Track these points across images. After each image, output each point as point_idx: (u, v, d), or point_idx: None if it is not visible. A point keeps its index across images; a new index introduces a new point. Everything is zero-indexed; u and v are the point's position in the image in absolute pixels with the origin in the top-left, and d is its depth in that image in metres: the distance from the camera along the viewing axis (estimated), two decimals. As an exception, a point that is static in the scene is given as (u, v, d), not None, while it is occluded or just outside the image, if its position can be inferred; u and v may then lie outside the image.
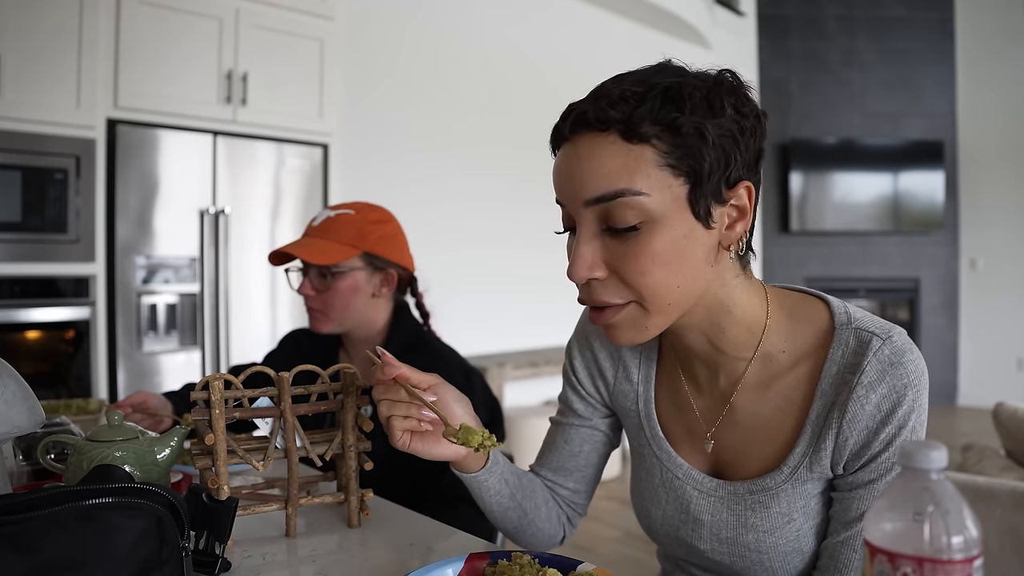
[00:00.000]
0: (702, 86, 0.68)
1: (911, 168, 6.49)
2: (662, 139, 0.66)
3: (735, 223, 0.71)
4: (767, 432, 0.79)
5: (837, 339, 0.75)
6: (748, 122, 0.69)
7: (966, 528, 0.46)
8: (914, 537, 0.46)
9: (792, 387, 0.77)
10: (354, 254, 1.35)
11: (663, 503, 0.86)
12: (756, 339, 0.77)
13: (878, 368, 0.72)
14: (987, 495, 1.79)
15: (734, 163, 0.68)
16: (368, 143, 3.80)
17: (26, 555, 0.57)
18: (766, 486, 0.78)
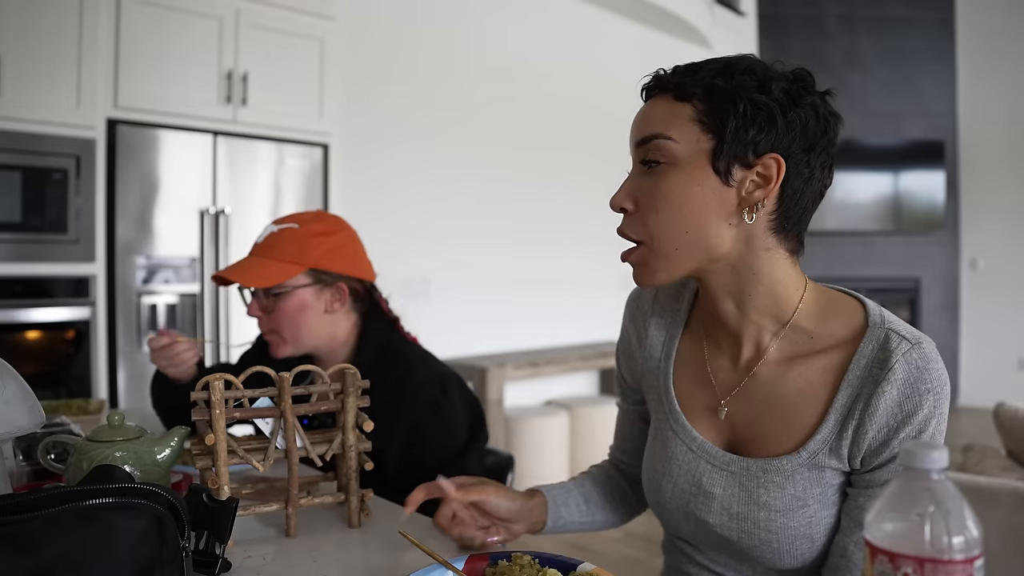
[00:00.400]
0: (761, 70, 0.77)
1: (912, 168, 6.49)
2: (702, 100, 0.75)
3: (756, 189, 0.76)
4: (786, 412, 0.81)
5: (869, 335, 0.78)
6: (801, 111, 0.75)
7: (967, 528, 0.46)
8: (915, 537, 0.46)
9: (818, 372, 0.80)
10: (297, 271, 1.26)
11: (675, 475, 0.88)
12: (785, 314, 0.81)
13: (905, 370, 0.75)
14: (988, 495, 1.79)
15: (766, 134, 0.74)
16: (368, 143, 3.80)
17: (26, 555, 0.57)
18: (782, 467, 0.80)
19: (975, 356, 6.56)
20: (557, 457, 4.04)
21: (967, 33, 6.52)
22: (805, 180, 0.77)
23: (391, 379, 1.25)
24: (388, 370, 1.27)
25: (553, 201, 4.66)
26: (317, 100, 3.29)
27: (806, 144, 0.76)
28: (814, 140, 0.76)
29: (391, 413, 1.22)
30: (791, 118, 0.75)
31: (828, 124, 0.77)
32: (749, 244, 0.78)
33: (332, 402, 0.94)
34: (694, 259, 0.78)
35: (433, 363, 1.33)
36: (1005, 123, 6.34)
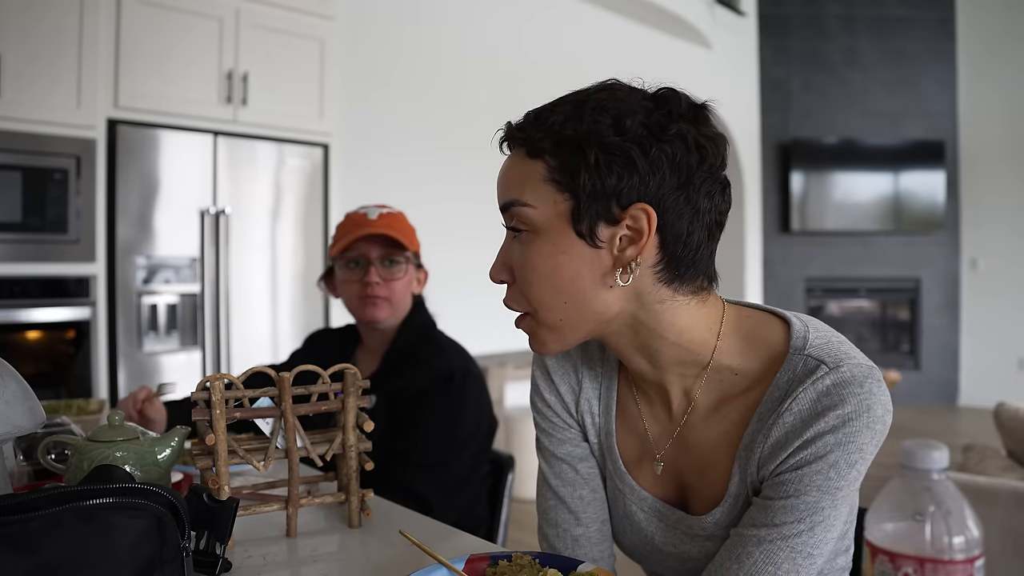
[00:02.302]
0: (615, 105, 0.67)
1: (912, 168, 6.49)
2: (553, 155, 0.68)
3: (629, 245, 0.68)
4: (713, 457, 0.76)
5: (786, 364, 0.71)
6: (667, 145, 0.66)
7: (967, 528, 0.46)
8: (915, 537, 0.46)
9: (739, 411, 0.74)
10: (416, 248, 1.48)
11: (628, 533, 0.85)
12: (703, 359, 0.74)
13: (811, 397, 0.67)
14: (988, 495, 1.79)
15: (627, 182, 0.66)
16: (368, 143, 3.80)
17: (27, 555, 0.57)
18: (719, 522, 0.75)
19: (975, 356, 6.56)
20: (557, 457, 4.03)
21: (967, 33, 6.52)
22: (690, 219, 0.68)
23: (422, 355, 1.39)
24: (422, 347, 1.41)
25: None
26: (317, 100, 3.29)
27: (680, 181, 0.67)
28: (690, 174, 0.67)
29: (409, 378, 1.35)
30: (654, 157, 0.66)
31: (705, 151, 0.68)
32: (640, 301, 0.71)
33: (332, 402, 0.94)
34: (583, 326, 0.72)
35: (465, 356, 1.43)
36: (1005, 123, 6.34)
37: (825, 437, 0.66)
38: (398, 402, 1.34)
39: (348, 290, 1.44)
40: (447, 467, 1.29)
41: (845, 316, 6.78)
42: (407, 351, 1.41)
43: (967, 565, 0.45)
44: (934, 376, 6.60)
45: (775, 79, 6.61)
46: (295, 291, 3.24)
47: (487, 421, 1.38)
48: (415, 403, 1.32)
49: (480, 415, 1.36)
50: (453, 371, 1.34)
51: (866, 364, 0.68)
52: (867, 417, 0.66)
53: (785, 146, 6.57)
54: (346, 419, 0.93)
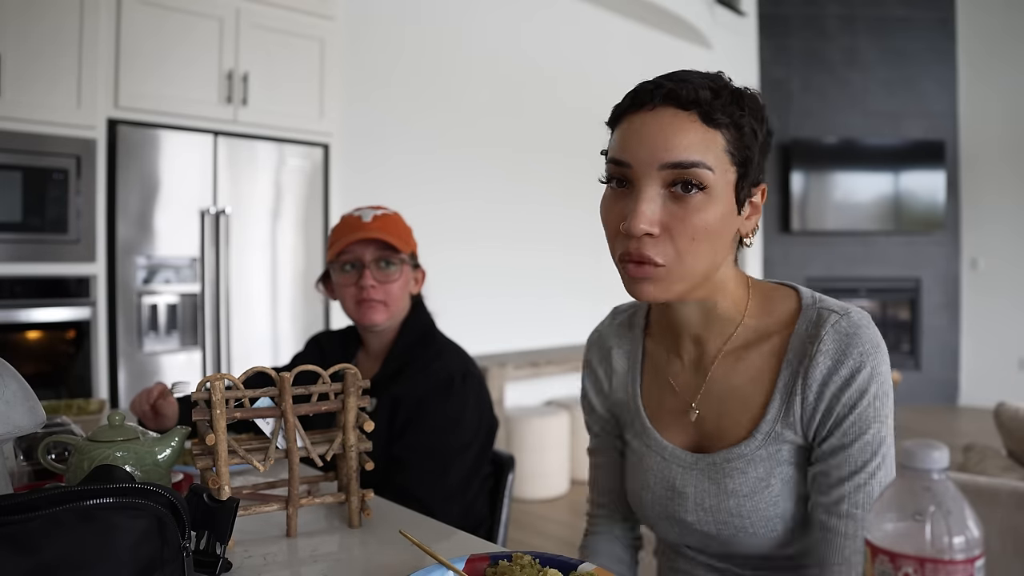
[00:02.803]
0: (756, 100, 0.81)
1: (912, 168, 6.49)
2: (729, 130, 0.76)
3: (751, 216, 0.82)
4: (741, 402, 0.86)
5: (803, 316, 0.84)
6: (768, 136, 0.82)
7: (968, 528, 0.46)
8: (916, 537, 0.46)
9: (763, 359, 0.85)
10: (411, 250, 1.47)
11: (652, 485, 0.92)
12: (740, 315, 0.87)
13: (835, 338, 0.80)
14: (988, 495, 1.79)
15: (759, 165, 0.80)
16: (369, 143, 3.80)
17: (27, 555, 0.57)
18: (742, 453, 0.84)
19: (975, 356, 6.56)
20: (557, 457, 4.04)
21: (967, 33, 6.52)
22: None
23: (422, 358, 1.38)
24: (421, 350, 1.40)
25: (553, 201, 4.66)
26: (317, 100, 3.29)
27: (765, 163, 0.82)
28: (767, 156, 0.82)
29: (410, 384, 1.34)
30: (767, 145, 0.81)
31: (770, 135, 0.83)
32: (728, 260, 0.84)
33: (332, 402, 0.94)
34: (705, 282, 0.81)
35: (464, 358, 1.41)
36: (1005, 123, 6.34)
37: (861, 374, 0.79)
38: (399, 407, 1.34)
39: (344, 293, 1.43)
40: (448, 472, 1.29)
41: (845, 316, 6.77)
42: (407, 354, 1.41)
43: (967, 565, 0.45)
44: (934, 376, 6.60)
45: (775, 79, 6.61)
46: (295, 291, 3.24)
47: (487, 423, 1.38)
48: (416, 408, 1.32)
49: (481, 417, 1.36)
50: (453, 375, 1.34)
51: (859, 310, 0.83)
52: (880, 350, 0.81)
53: (785, 146, 6.57)
54: (346, 419, 0.93)
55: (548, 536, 3.43)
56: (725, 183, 0.77)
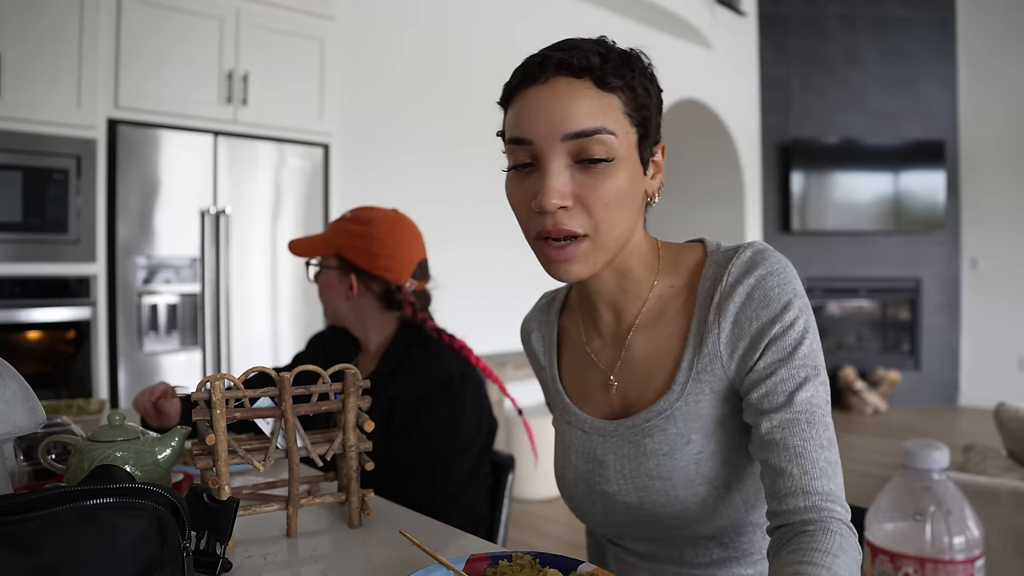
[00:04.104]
0: (642, 60, 0.80)
1: (912, 168, 6.49)
2: (624, 92, 0.76)
3: (655, 176, 0.82)
4: (659, 363, 0.84)
5: (708, 262, 0.84)
6: (660, 93, 0.82)
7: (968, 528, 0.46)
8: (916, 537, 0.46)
9: (677, 314, 0.84)
10: (326, 252, 1.43)
11: (573, 461, 0.91)
12: (653, 278, 0.86)
13: (741, 267, 0.79)
14: (988, 495, 1.79)
15: (657, 124, 0.81)
16: (369, 143, 3.80)
17: (27, 555, 0.57)
18: (661, 409, 0.82)
19: (975, 356, 6.56)
20: (557, 457, 4.04)
21: (967, 33, 6.52)
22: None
23: (419, 358, 1.36)
24: (416, 352, 1.38)
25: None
26: (317, 100, 3.29)
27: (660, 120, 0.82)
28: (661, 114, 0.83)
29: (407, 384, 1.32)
30: (660, 103, 0.81)
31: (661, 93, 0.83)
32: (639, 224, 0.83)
33: (332, 402, 0.94)
34: (621, 247, 0.81)
35: (461, 361, 1.38)
36: (1005, 123, 6.34)
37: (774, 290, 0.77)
38: (396, 407, 1.33)
39: None
40: (448, 473, 1.28)
41: (845, 316, 6.78)
42: (404, 354, 1.39)
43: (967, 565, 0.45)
44: (934, 376, 6.60)
45: (775, 79, 6.61)
46: (295, 291, 3.25)
47: (487, 423, 1.37)
48: (414, 409, 1.31)
49: (480, 418, 1.35)
50: (451, 375, 1.32)
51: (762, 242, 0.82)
52: (789, 267, 0.80)
53: (785, 146, 6.57)
54: (346, 419, 0.93)
55: (548, 536, 3.43)
56: (628, 145, 0.76)
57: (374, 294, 1.41)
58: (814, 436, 0.73)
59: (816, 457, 0.72)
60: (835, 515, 0.71)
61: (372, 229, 1.39)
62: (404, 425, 1.30)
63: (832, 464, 0.73)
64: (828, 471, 0.72)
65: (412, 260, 1.42)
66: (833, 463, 0.73)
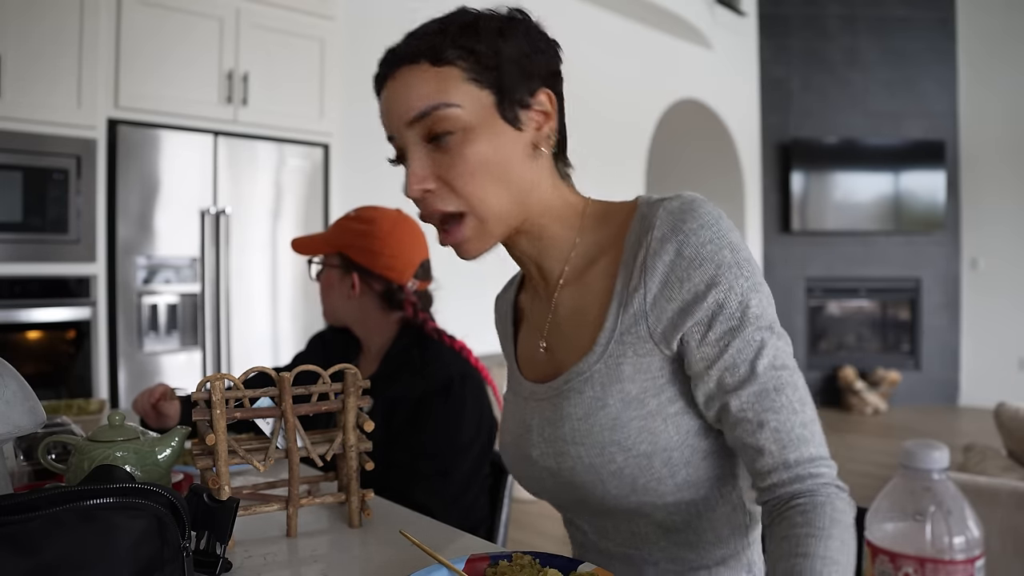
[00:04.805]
0: (494, 20, 0.78)
1: (912, 168, 6.49)
2: (465, 59, 0.75)
3: (542, 126, 0.78)
4: (584, 322, 0.81)
5: (636, 216, 0.78)
6: (540, 44, 0.79)
7: (968, 528, 0.46)
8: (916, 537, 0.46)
9: (602, 273, 0.80)
10: (328, 251, 1.43)
11: (510, 427, 0.89)
12: (573, 236, 0.82)
13: (668, 221, 0.73)
14: (989, 495, 1.79)
15: (530, 76, 0.77)
16: (369, 143, 3.79)
17: (27, 555, 0.57)
18: (580, 371, 0.78)
19: (975, 356, 6.56)
20: (557, 457, 4.03)
21: (967, 33, 6.52)
22: (560, 108, 0.81)
23: (419, 359, 1.36)
24: (417, 353, 1.37)
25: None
26: (317, 100, 3.29)
27: (551, 69, 0.80)
28: (555, 64, 0.80)
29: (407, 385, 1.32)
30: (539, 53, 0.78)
31: (550, 44, 0.81)
32: (541, 182, 0.80)
33: (332, 402, 0.94)
34: (513, 212, 0.78)
35: (462, 362, 1.38)
36: (1005, 123, 6.34)
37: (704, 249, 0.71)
38: (396, 408, 1.33)
39: None
40: (449, 475, 1.28)
41: (845, 316, 6.78)
42: (404, 355, 1.39)
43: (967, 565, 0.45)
44: (934, 376, 6.59)
45: (775, 79, 6.61)
46: (295, 291, 3.25)
47: (487, 424, 1.37)
48: (414, 410, 1.31)
49: (480, 419, 1.35)
50: (452, 377, 1.32)
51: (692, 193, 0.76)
52: (723, 219, 0.73)
53: (785, 146, 6.57)
54: (346, 419, 0.93)
55: (548, 536, 3.42)
56: (481, 110, 0.74)
57: (376, 293, 1.41)
58: (785, 403, 0.70)
59: (791, 426, 0.70)
60: (820, 479, 0.69)
61: (374, 228, 1.40)
62: (404, 426, 1.30)
63: (808, 425, 0.70)
64: (805, 435, 0.70)
65: (414, 260, 1.42)
66: (809, 423, 0.70)
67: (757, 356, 0.71)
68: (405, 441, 1.29)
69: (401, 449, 1.29)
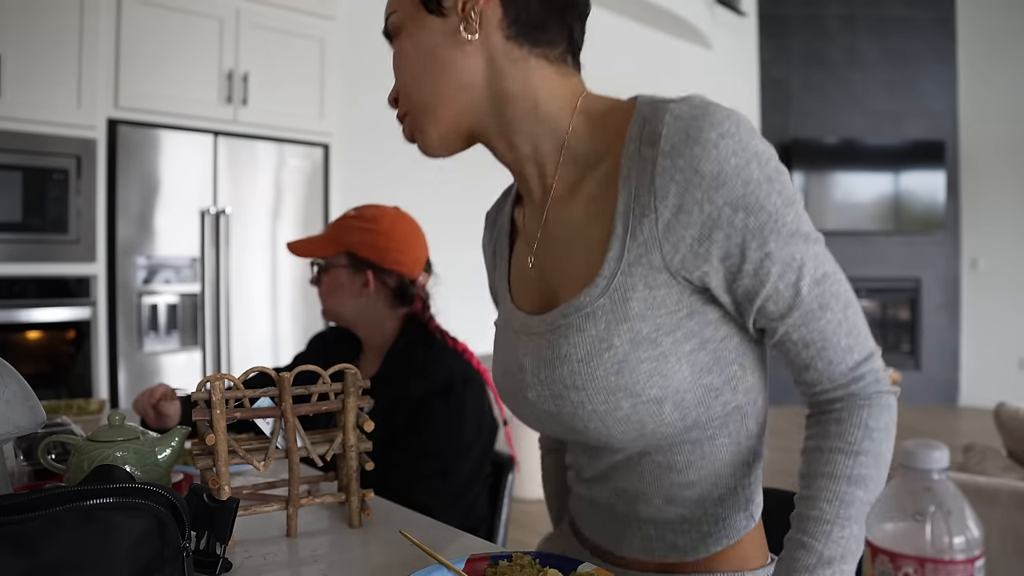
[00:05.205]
0: None
1: (912, 168, 6.49)
2: None
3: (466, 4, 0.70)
4: (581, 243, 0.71)
5: (634, 120, 0.67)
6: None
7: (968, 528, 0.46)
8: (916, 537, 0.46)
9: (600, 185, 0.69)
10: (333, 251, 1.41)
11: (504, 362, 0.80)
12: (556, 137, 0.73)
13: (679, 131, 0.62)
14: (988, 495, 1.79)
15: None
16: (369, 143, 3.80)
17: (27, 555, 0.57)
18: (581, 305, 0.68)
19: (975, 356, 6.56)
20: (557, 457, 4.04)
21: (967, 33, 6.52)
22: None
23: (421, 359, 1.36)
24: (420, 351, 1.37)
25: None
26: (317, 100, 3.29)
27: None
28: None
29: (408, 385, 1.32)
30: None
31: None
32: (496, 64, 0.72)
33: (332, 402, 0.94)
34: (455, 104, 0.73)
35: (463, 363, 1.38)
36: (1005, 123, 6.34)
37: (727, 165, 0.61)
38: (397, 408, 1.33)
39: None
40: (449, 475, 1.28)
41: (845, 316, 6.77)
42: (406, 354, 1.40)
43: (967, 565, 0.45)
44: (934, 376, 6.59)
45: (775, 79, 6.61)
46: (295, 291, 3.25)
47: (488, 424, 1.37)
48: (415, 411, 1.31)
49: (481, 420, 1.35)
50: (453, 377, 1.32)
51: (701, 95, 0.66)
52: (743, 121, 0.63)
53: (785, 146, 6.56)
54: (346, 419, 0.93)
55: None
56: (408, 7, 0.74)
57: (389, 289, 1.42)
58: (830, 319, 0.65)
59: (837, 340, 0.66)
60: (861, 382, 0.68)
61: (378, 225, 1.41)
62: (405, 426, 1.30)
63: (852, 332, 0.66)
64: (850, 344, 0.66)
65: (420, 255, 1.45)
66: (853, 328, 0.67)
67: (799, 278, 0.64)
68: (405, 441, 1.29)
69: (401, 449, 1.29)
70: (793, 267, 0.64)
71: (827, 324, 0.65)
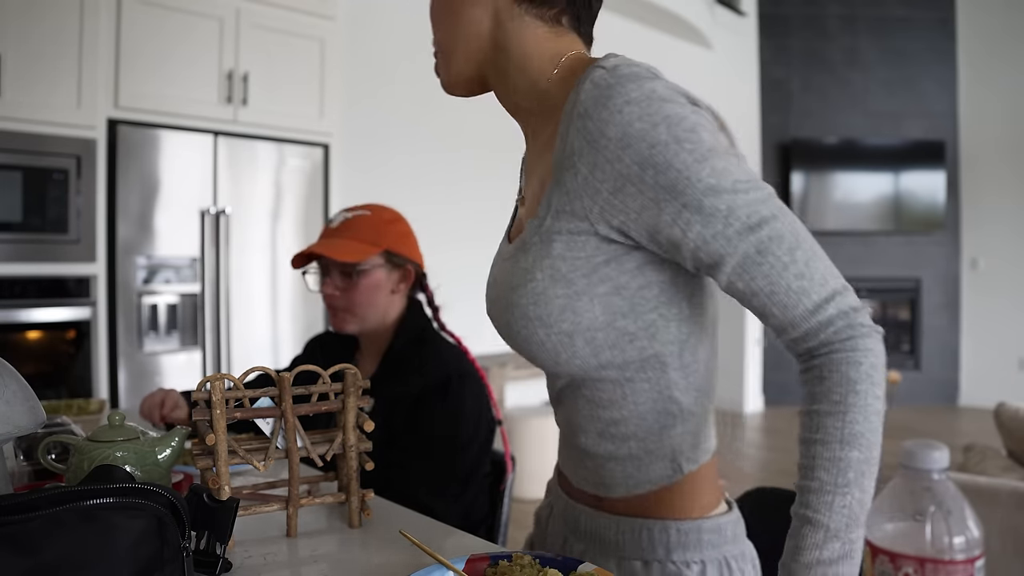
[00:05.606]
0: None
1: (912, 168, 6.49)
2: None
3: None
4: (538, 186, 0.77)
5: (580, 77, 0.71)
6: None
7: (968, 528, 0.46)
8: (916, 537, 0.46)
9: (551, 137, 0.76)
10: (375, 252, 1.39)
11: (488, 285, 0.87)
12: (537, 91, 0.80)
13: (592, 95, 0.67)
14: (988, 495, 1.80)
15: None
16: (369, 143, 3.80)
17: (27, 555, 0.57)
18: (523, 240, 0.75)
19: (976, 356, 6.56)
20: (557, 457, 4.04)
21: (967, 33, 6.52)
22: None
23: (418, 358, 1.36)
24: (417, 349, 1.38)
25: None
26: (317, 100, 3.29)
27: None
28: None
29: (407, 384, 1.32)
30: None
31: None
32: (498, 17, 0.79)
33: (332, 402, 0.94)
34: (467, 48, 0.81)
35: (460, 359, 1.39)
36: (1005, 123, 6.34)
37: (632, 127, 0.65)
38: (396, 407, 1.33)
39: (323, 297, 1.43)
40: (448, 474, 1.28)
41: (845, 316, 6.77)
42: (403, 354, 1.40)
43: (967, 565, 0.45)
44: (934, 376, 6.60)
45: (775, 79, 6.61)
46: (295, 291, 3.25)
47: (486, 421, 1.37)
48: (413, 409, 1.31)
49: (479, 418, 1.35)
50: (450, 376, 1.33)
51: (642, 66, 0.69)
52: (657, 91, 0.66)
53: (785, 146, 6.57)
54: (346, 419, 0.93)
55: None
56: None
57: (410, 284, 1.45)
58: (772, 263, 0.65)
59: (786, 284, 0.65)
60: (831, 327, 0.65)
61: (404, 221, 1.46)
62: (404, 425, 1.31)
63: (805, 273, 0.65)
64: (803, 286, 0.65)
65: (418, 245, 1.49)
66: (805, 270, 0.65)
67: (727, 226, 0.64)
68: (405, 441, 1.29)
69: (401, 449, 1.29)
70: (718, 217, 0.65)
71: (771, 269, 0.65)
